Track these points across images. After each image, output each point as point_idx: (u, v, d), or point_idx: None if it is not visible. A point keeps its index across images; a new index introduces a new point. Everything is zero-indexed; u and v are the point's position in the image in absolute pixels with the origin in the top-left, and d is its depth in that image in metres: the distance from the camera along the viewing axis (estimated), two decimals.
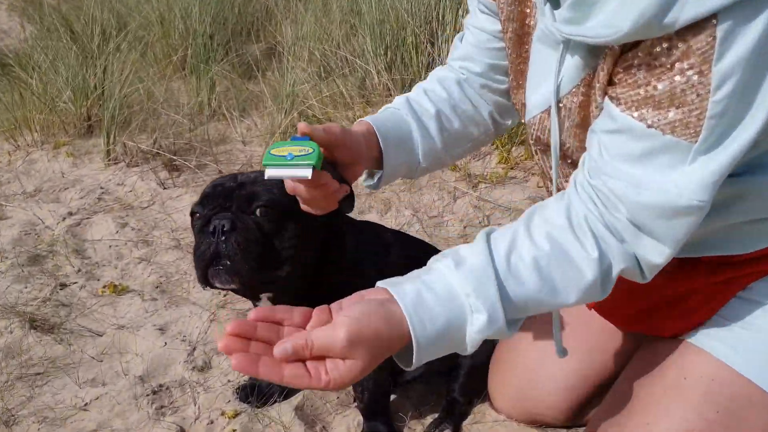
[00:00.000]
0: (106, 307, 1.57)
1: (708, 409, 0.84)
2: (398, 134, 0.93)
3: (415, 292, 0.65)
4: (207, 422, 1.17)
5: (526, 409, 1.15)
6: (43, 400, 1.23)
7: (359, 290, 0.87)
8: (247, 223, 0.91)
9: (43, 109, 2.86)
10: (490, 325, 0.66)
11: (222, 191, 0.95)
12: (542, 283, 0.69)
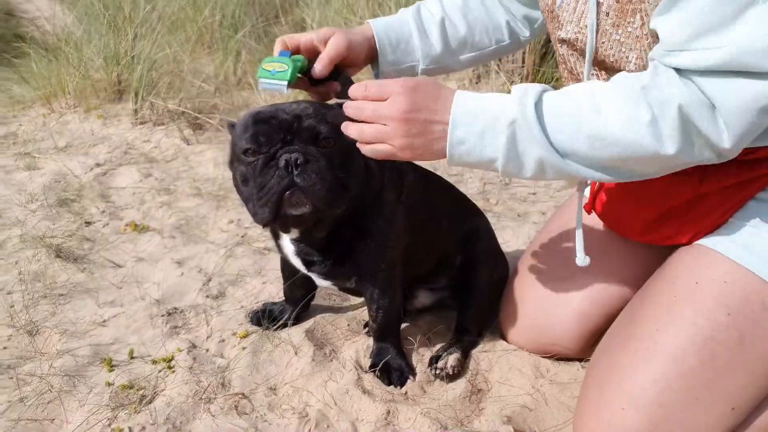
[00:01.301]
0: (127, 243, 1.61)
1: (719, 311, 0.82)
2: (397, 36, 1.01)
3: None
4: (218, 340, 1.19)
5: (537, 338, 1.14)
6: (64, 316, 1.27)
7: (382, 214, 0.92)
8: (317, 155, 0.90)
9: (77, 76, 2.94)
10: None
11: (279, 125, 0.90)
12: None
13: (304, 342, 1.17)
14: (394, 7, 2.96)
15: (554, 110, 0.76)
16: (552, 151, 0.76)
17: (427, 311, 1.28)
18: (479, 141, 0.78)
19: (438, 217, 1.17)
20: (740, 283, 0.83)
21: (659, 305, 0.88)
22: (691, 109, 0.70)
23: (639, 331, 0.88)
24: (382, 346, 1.12)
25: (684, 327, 0.83)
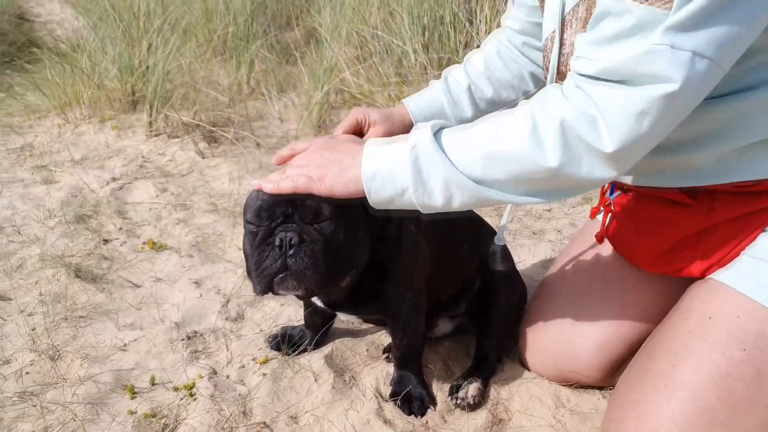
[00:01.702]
0: (145, 262, 1.61)
1: (735, 347, 0.82)
2: (431, 111, 1.11)
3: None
4: (239, 366, 1.20)
5: (558, 367, 1.13)
6: (85, 340, 1.28)
7: (405, 248, 0.93)
8: (314, 235, 0.88)
9: (91, 86, 2.96)
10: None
11: (282, 200, 0.88)
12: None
13: (324, 368, 1.17)
14: (406, 16, 2.96)
15: (453, 134, 0.82)
16: (455, 170, 0.80)
17: (447, 337, 1.27)
18: (389, 173, 0.82)
19: (458, 243, 1.17)
20: (754, 318, 0.83)
21: (675, 341, 0.88)
22: (572, 120, 0.74)
23: (657, 365, 0.88)
24: (404, 374, 1.12)
25: (700, 363, 0.83)
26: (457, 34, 2.71)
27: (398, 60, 2.93)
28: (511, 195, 0.82)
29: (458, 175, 0.80)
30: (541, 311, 1.17)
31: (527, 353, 1.17)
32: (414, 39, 2.81)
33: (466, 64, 1.17)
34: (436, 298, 1.16)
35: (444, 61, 2.72)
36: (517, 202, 0.83)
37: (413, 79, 2.75)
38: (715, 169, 0.86)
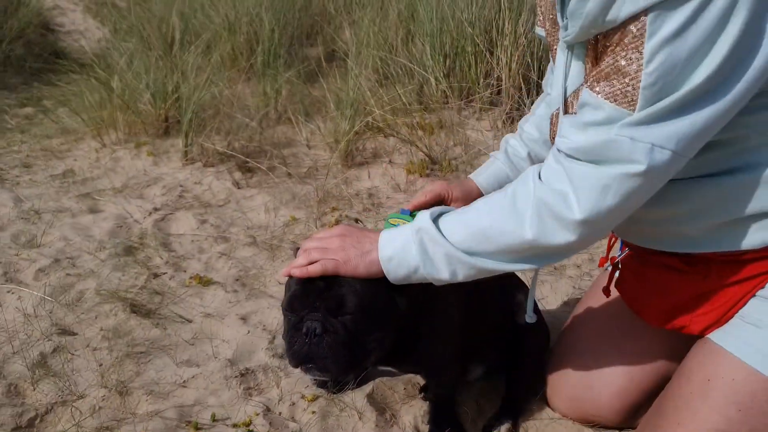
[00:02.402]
0: (194, 296, 1.74)
1: (731, 408, 0.92)
2: (498, 182, 1.26)
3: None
4: (289, 404, 1.32)
5: (581, 410, 1.24)
6: (148, 376, 1.41)
7: (440, 311, 1.04)
8: (337, 327, 0.98)
9: (126, 110, 3.10)
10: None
11: (311, 290, 0.99)
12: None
13: (367, 407, 1.29)
14: (427, 23, 3.03)
15: (449, 217, 0.96)
16: (452, 248, 0.93)
17: (479, 379, 1.39)
18: (402, 254, 0.96)
19: (487, 297, 1.28)
20: (746, 381, 0.93)
21: (679, 399, 0.99)
22: (547, 197, 0.87)
23: (664, 423, 0.99)
24: (440, 415, 1.23)
25: (701, 423, 0.94)
26: (478, 64, 2.82)
27: (419, 87, 3.04)
28: (504, 264, 0.95)
29: (456, 251, 0.94)
30: (563, 357, 1.28)
31: (552, 396, 1.28)
32: (436, 68, 2.92)
33: (522, 133, 1.29)
34: (469, 346, 1.28)
35: (465, 90, 2.83)
36: (511, 269, 0.97)
37: (434, 107, 2.86)
38: (707, 239, 0.96)
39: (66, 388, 1.36)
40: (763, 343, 0.94)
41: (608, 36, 0.82)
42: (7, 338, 1.53)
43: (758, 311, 0.96)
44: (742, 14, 0.73)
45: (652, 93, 0.78)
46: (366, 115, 2.81)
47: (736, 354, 0.95)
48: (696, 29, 0.74)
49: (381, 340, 1.04)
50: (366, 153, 2.64)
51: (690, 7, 0.73)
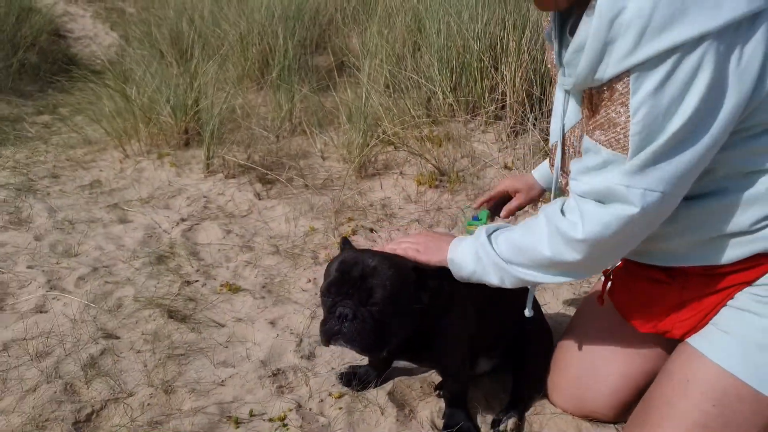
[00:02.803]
0: (225, 303, 1.90)
1: (707, 404, 1.07)
2: (548, 176, 1.53)
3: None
4: (318, 401, 1.47)
5: (579, 406, 1.39)
6: (189, 376, 1.56)
7: (454, 311, 1.21)
8: (364, 314, 1.14)
9: (147, 122, 3.25)
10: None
11: (347, 279, 1.17)
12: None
13: (388, 403, 1.44)
14: (435, 34, 3.18)
15: (500, 234, 1.17)
16: (499, 259, 1.14)
17: (486, 376, 1.54)
18: (462, 259, 1.19)
19: (496, 303, 1.43)
20: (719, 381, 1.08)
21: (663, 397, 1.13)
22: (563, 226, 1.06)
23: (651, 418, 1.13)
24: (454, 410, 1.38)
25: (682, 417, 1.09)
26: (483, 79, 2.96)
27: (427, 99, 3.19)
28: (540, 275, 1.13)
29: (501, 261, 1.14)
30: (563, 359, 1.43)
31: (553, 393, 1.43)
32: (443, 82, 3.06)
33: None
34: (479, 343, 1.43)
35: (471, 104, 2.97)
36: (548, 281, 1.14)
37: (442, 119, 3.01)
38: (689, 254, 1.12)
39: (116, 386, 1.52)
40: (731, 347, 1.08)
41: (600, 92, 0.98)
42: (59, 341, 1.69)
43: (728, 319, 1.10)
44: (708, 69, 0.88)
45: (640, 139, 0.93)
46: (376, 127, 2.96)
47: (710, 357, 1.10)
48: (671, 85, 0.89)
49: (402, 328, 1.21)
50: (378, 165, 2.79)
51: (664, 68, 0.88)
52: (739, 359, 1.07)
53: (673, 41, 0.86)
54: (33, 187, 2.86)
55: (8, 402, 1.46)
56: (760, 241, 1.04)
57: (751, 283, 1.08)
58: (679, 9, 0.85)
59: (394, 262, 1.22)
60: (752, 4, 0.86)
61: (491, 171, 2.62)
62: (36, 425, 1.38)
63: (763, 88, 0.91)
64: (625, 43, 0.88)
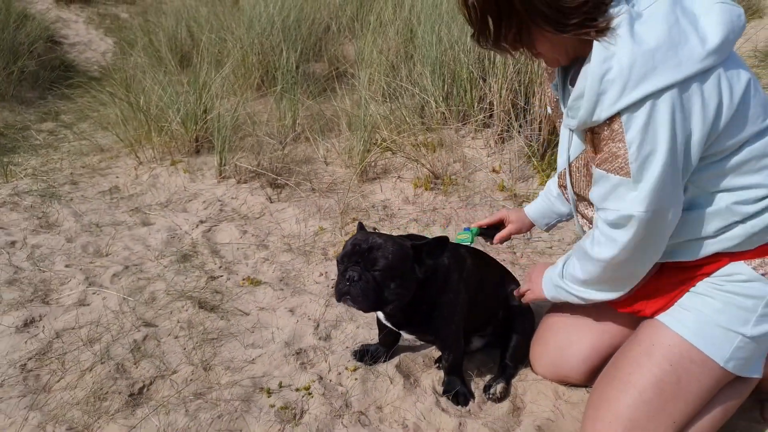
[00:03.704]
0: (248, 294, 2.15)
1: (665, 363, 1.34)
2: (542, 213, 1.78)
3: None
4: (336, 373, 1.72)
5: (556, 373, 1.66)
6: (224, 356, 1.81)
7: (450, 290, 1.47)
8: (368, 278, 1.43)
9: (159, 131, 3.48)
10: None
11: (357, 251, 1.45)
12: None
13: (396, 374, 1.70)
14: (426, 48, 3.43)
15: (567, 269, 1.44)
16: (570, 289, 1.49)
17: (478, 351, 1.80)
18: (553, 292, 1.52)
19: (487, 286, 1.70)
20: (677, 346, 1.35)
21: (631, 358, 1.40)
22: (585, 244, 1.40)
23: (619, 374, 1.40)
24: (451, 378, 1.64)
25: (645, 373, 1.35)
26: (473, 89, 3.23)
27: (421, 108, 3.45)
28: (591, 292, 1.45)
29: (573, 288, 1.49)
30: (543, 334, 1.70)
31: (535, 363, 1.70)
32: (435, 92, 3.32)
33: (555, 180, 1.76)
34: (472, 324, 1.69)
35: (462, 112, 3.24)
36: (598, 299, 1.45)
37: (435, 127, 3.27)
38: (667, 253, 1.37)
39: (161, 365, 1.76)
40: (689, 321, 1.36)
41: (600, 132, 1.24)
42: (106, 329, 1.93)
43: (689, 301, 1.38)
44: (679, 110, 1.15)
45: (638, 165, 1.19)
46: (374, 134, 3.21)
47: (672, 328, 1.37)
48: (653, 122, 1.15)
49: (398, 294, 1.48)
50: (377, 169, 3.05)
51: (645, 110, 1.15)
52: (695, 330, 1.35)
53: (647, 90, 1.14)
54: (56, 193, 3.09)
55: (70, 379, 1.70)
56: (720, 243, 1.32)
57: (710, 274, 1.36)
58: (651, 67, 1.13)
59: (396, 241, 1.49)
60: (704, 62, 1.15)
61: (481, 174, 2.89)
62: (98, 397, 1.62)
63: (720, 122, 1.19)
64: (613, 93, 1.17)
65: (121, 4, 9.03)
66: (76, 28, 7.80)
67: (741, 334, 1.33)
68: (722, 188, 1.29)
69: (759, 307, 1.33)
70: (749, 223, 1.29)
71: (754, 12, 5.58)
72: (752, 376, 1.38)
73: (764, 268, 1.33)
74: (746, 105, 1.21)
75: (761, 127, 1.25)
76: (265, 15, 4.63)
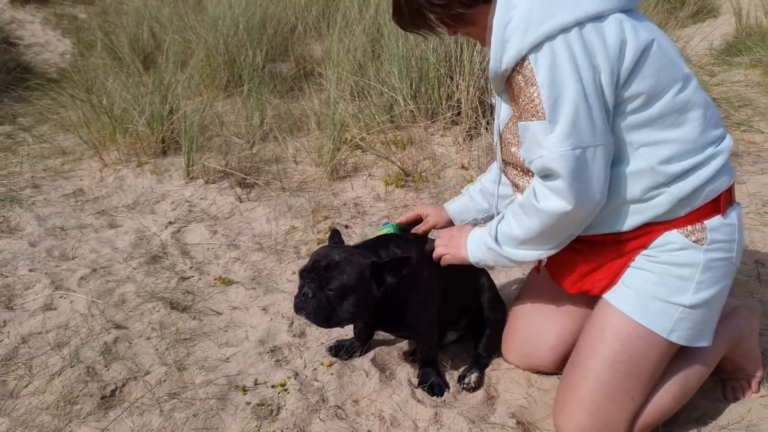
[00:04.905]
0: (220, 294, 2.13)
1: (616, 343, 1.39)
2: (460, 210, 1.75)
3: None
4: (312, 369, 1.73)
5: (527, 362, 1.70)
6: (198, 356, 1.79)
7: (421, 288, 1.48)
8: (320, 297, 1.46)
9: (124, 132, 3.41)
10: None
11: (316, 267, 1.48)
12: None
13: (372, 368, 1.72)
14: (393, 46, 3.46)
15: (502, 230, 1.45)
16: (499, 250, 1.46)
17: (453, 343, 1.83)
18: (480, 255, 1.48)
19: (459, 282, 1.73)
20: (624, 325, 1.39)
21: (587, 343, 1.44)
22: (529, 196, 1.37)
23: (579, 360, 1.44)
24: (426, 370, 1.67)
25: (599, 357, 1.40)
26: (440, 88, 3.27)
27: (390, 106, 3.47)
28: (525, 252, 1.43)
29: (499, 250, 1.46)
30: (512, 325, 1.74)
31: (507, 353, 1.74)
32: (404, 90, 3.35)
33: (481, 178, 1.77)
34: (445, 318, 1.72)
35: (430, 111, 3.28)
36: (530, 258, 1.44)
37: (404, 125, 3.30)
38: (598, 223, 1.40)
39: (134, 367, 1.74)
40: (631, 298, 1.40)
41: (514, 81, 1.29)
42: (74, 332, 1.89)
43: (630, 277, 1.42)
44: (580, 46, 1.21)
45: (550, 105, 1.24)
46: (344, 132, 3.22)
47: (617, 307, 1.41)
48: (559, 60, 1.22)
49: (353, 312, 1.49)
50: (348, 167, 3.06)
51: (549, 49, 1.21)
52: (637, 306, 1.39)
53: (547, 30, 1.21)
54: (16, 197, 3.00)
55: (38, 384, 1.66)
56: (650, 210, 1.35)
57: (646, 246, 1.40)
58: (548, 10, 1.21)
59: (356, 259, 1.50)
60: (601, 6, 1.22)
61: (450, 171, 2.93)
62: (68, 401, 1.59)
63: (625, 61, 1.23)
64: (516, 38, 1.23)
65: (78, 4, 8.80)
66: (32, 29, 7.58)
67: (680, 304, 1.36)
68: (644, 142, 1.31)
69: (695, 275, 1.35)
70: (675, 186, 1.32)
71: (709, 11, 5.81)
72: (700, 345, 1.41)
73: (696, 234, 1.35)
74: (657, 53, 1.26)
75: (677, 82, 1.29)
76: (229, 15, 4.59)
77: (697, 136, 1.32)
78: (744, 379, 1.60)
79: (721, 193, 1.37)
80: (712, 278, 1.37)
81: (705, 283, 1.36)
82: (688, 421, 1.52)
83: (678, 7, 5.29)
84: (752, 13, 4.68)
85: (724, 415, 1.54)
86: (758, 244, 2.28)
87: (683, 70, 1.32)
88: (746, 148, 3.07)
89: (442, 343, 1.79)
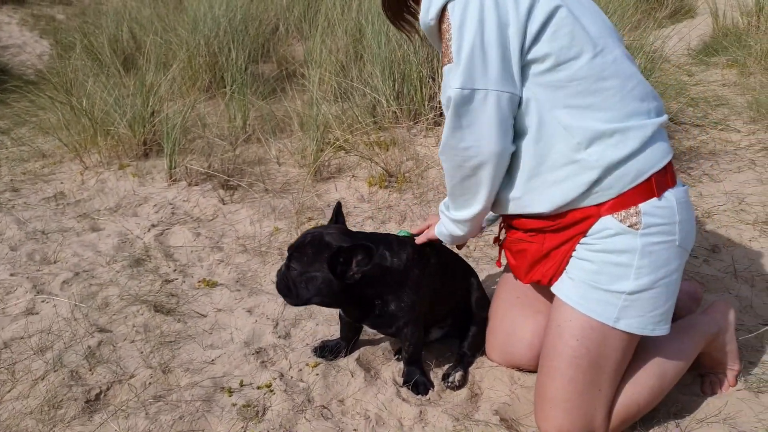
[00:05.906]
0: (204, 296, 2.13)
1: (572, 340, 1.40)
2: None
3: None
4: (297, 370, 1.74)
5: (508, 360, 1.73)
6: (183, 358, 1.79)
7: (410, 287, 1.50)
8: (286, 275, 1.56)
9: (105, 135, 3.38)
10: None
11: (294, 245, 1.57)
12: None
13: (357, 368, 1.73)
14: (375, 47, 3.47)
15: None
16: (445, 212, 1.59)
17: (437, 341, 1.85)
18: (439, 227, 1.62)
19: (449, 282, 1.75)
20: (575, 319, 1.41)
21: (549, 343, 1.46)
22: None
23: (545, 361, 1.46)
24: (411, 368, 1.69)
25: (561, 355, 1.41)
26: (423, 89, 3.29)
27: (372, 107, 3.49)
28: (454, 213, 1.55)
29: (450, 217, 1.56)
30: (492, 321, 1.76)
31: (489, 351, 1.76)
32: (386, 91, 3.37)
33: None
34: (433, 317, 1.74)
35: (413, 112, 3.30)
36: (461, 217, 1.53)
37: (387, 125, 3.32)
38: (527, 201, 1.43)
39: (118, 370, 1.73)
40: (574, 289, 1.41)
41: (440, 33, 1.37)
42: (57, 337, 1.88)
43: (572, 267, 1.44)
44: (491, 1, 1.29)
45: (456, 46, 1.30)
46: (327, 133, 3.23)
47: (565, 300, 1.43)
48: (469, 10, 1.30)
49: (314, 292, 1.54)
50: (331, 168, 3.07)
51: (461, 3, 1.31)
52: (581, 298, 1.40)
53: None
54: None
55: (21, 389, 1.65)
56: (571, 181, 1.35)
57: (585, 233, 1.40)
58: None
59: (324, 242, 1.54)
60: None
61: (433, 171, 2.95)
62: (52, 405, 1.58)
63: (532, 20, 1.29)
64: None
65: (56, 5, 8.69)
66: (9, 30, 7.47)
67: (622, 292, 1.35)
68: (558, 105, 1.34)
69: (634, 261, 1.34)
70: (593, 151, 1.33)
71: (687, 11, 5.92)
72: (657, 334, 1.39)
73: (630, 218, 1.34)
74: (568, 18, 1.31)
75: (588, 49, 1.33)
76: (210, 16, 4.57)
77: (614, 104, 1.34)
78: (722, 373, 1.64)
79: (652, 174, 1.35)
80: (653, 263, 1.34)
81: (646, 268, 1.34)
82: (666, 415, 1.56)
83: (657, 7, 5.39)
84: (728, 14, 4.78)
85: (701, 408, 1.58)
86: (734, 241, 2.34)
87: (600, 40, 1.35)
88: (723, 147, 3.14)
89: (427, 340, 1.81)
